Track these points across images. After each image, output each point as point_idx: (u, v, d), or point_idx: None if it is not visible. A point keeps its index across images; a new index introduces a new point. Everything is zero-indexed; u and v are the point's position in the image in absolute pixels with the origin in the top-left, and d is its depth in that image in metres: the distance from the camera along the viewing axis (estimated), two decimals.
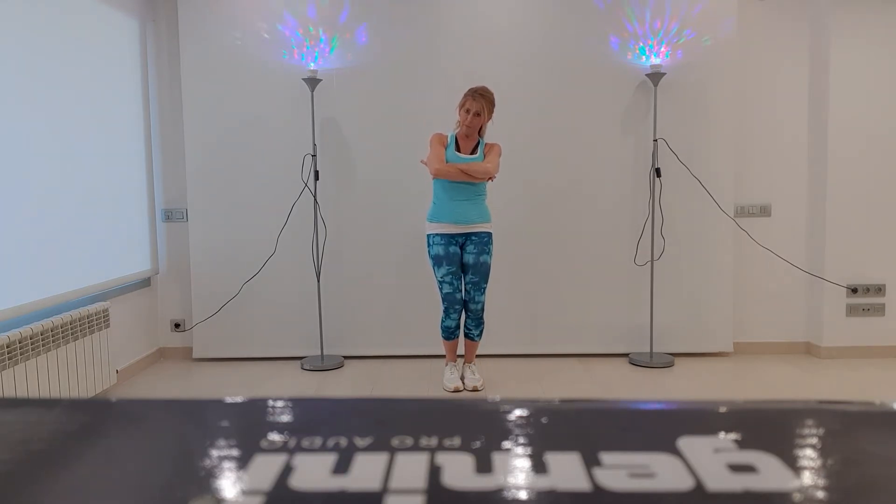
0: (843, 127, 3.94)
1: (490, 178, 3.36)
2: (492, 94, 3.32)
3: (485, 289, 3.42)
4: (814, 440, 0.32)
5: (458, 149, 3.36)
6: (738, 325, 4.14)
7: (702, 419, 0.35)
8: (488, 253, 3.39)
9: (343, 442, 0.32)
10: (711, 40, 3.95)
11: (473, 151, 3.37)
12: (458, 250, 3.36)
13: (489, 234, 3.40)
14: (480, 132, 3.40)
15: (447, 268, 3.34)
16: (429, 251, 3.40)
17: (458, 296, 3.38)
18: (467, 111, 3.29)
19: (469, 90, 3.31)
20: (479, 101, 3.28)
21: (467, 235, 3.37)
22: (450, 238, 3.34)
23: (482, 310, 3.44)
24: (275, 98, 4.01)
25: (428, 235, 3.40)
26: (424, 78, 4.00)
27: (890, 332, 4.03)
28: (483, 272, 3.38)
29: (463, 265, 3.39)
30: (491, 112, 3.34)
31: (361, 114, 4.02)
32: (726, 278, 4.07)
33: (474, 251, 3.36)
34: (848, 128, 3.94)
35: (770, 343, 4.18)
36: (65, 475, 0.29)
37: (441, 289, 3.39)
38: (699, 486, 0.28)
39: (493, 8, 3.99)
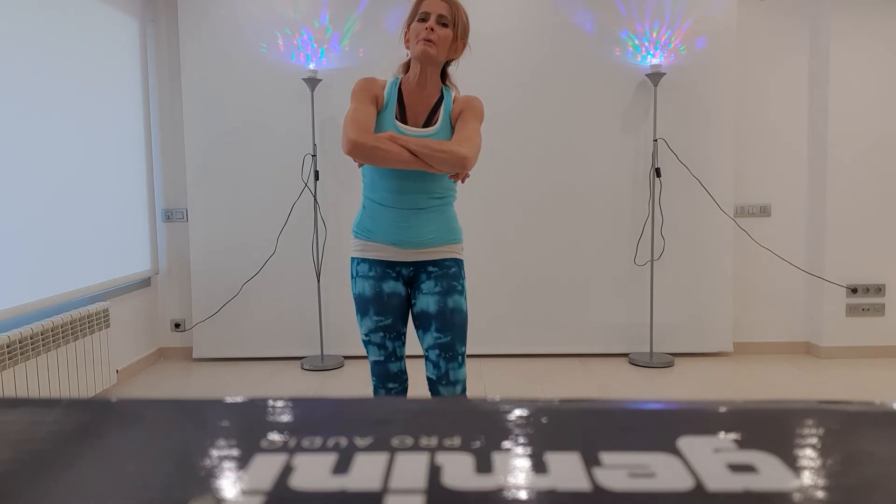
0: (842, 127, 3.94)
1: (462, 172, 1.85)
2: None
3: (463, 355, 1.95)
4: (814, 440, 0.32)
5: (401, 116, 1.92)
6: (738, 325, 4.14)
7: (702, 419, 0.35)
8: (460, 293, 1.95)
9: (343, 442, 0.32)
10: (711, 40, 3.95)
11: (432, 118, 1.94)
12: (402, 289, 1.97)
13: (458, 263, 1.97)
14: (445, 78, 2.02)
15: (376, 319, 1.94)
16: (351, 286, 2.00)
17: (393, 368, 1.99)
18: (423, 19, 1.87)
19: None
20: (446, 4, 1.90)
21: (420, 266, 1.95)
22: (386, 268, 1.94)
23: (463, 392, 2.03)
24: (275, 98, 4.01)
25: (352, 259, 1.99)
26: None
27: (890, 332, 4.03)
28: (456, 327, 1.92)
29: (415, 316, 1.97)
30: (465, 34, 1.97)
31: None
32: (726, 278, 4.07)
33: (436, 290, 1.92)
34: (848, 128, 3.94)
35: (770, 343, 4.18)
36: (65, 475, 0.29)
37: (367, 353, 2.00)
38: (699, 486, 0.28)
39: (493, 7, 3.99)
